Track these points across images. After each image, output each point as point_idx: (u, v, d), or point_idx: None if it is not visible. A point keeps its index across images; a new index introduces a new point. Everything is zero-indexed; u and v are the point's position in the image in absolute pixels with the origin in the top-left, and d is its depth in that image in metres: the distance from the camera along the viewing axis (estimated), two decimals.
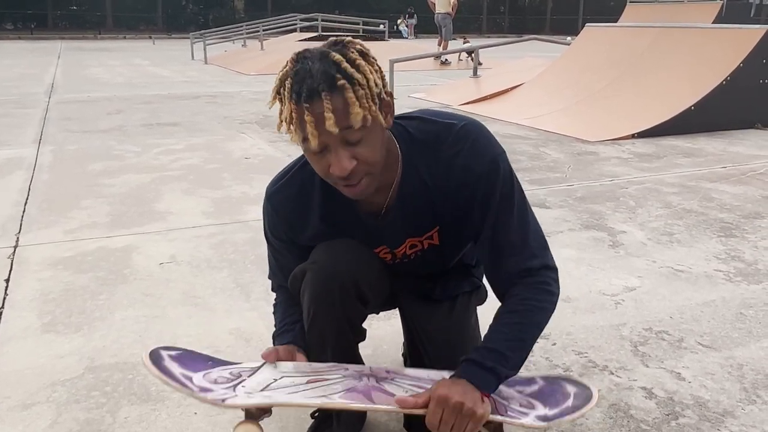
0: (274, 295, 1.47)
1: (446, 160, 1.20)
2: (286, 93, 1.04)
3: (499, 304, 1.27)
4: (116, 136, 5.47)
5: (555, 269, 1.26)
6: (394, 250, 1.33)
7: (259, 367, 1.24)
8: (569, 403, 1.21)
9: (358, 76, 1.02)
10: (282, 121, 1.06)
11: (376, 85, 1.06)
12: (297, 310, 1.35)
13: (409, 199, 1.24)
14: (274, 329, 1.40)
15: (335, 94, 1.01)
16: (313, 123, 1.01)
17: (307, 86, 1.01)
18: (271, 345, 1.34)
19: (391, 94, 1.13)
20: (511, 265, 1.22)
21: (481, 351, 1.17)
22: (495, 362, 1.15)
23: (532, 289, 1.21)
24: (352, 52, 1.06)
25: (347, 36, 1.14)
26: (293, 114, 1.03)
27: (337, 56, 1.03)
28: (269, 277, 1.47)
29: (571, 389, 1.27)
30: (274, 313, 1.43)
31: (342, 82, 1.01)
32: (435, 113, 1.27)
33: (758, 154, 4.81)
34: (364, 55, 1.07)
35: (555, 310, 1.26)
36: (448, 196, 1.23)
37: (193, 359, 1.27)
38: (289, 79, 1.04)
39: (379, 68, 1.10)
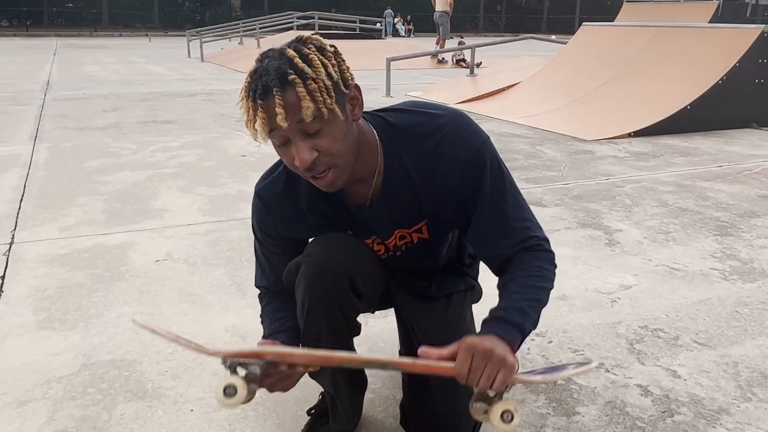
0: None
1: (430, 149, 1.21)
2: (245, 92, 1.08)
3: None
4: (112, 133, 5.46)
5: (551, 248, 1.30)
6: (385, 241, 1.34)
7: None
8: (570, 367, 1.23)
9: (308, 70, 1.04)
10: (246, 120, 1.10)
11: (330, 78, 1.07)
12: (287, 314, 1.33)
13: (393, 189, 1.25)
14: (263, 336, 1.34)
15: (287, 90, 1.04)
16: (265, 119, 1.05)
17: (262, 84, 1.04)
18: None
19: (357, 87, 1.14)
20: (512, 243, 1.24)
21: (506, 309, 1.18)
22: (520, 319, 1.17)
23: (541, 258, 1.24)
24: (309, 48, 1.08)
25: (311, 33, 1.14)
26: (250, 111, 1.07)
27: (292, 52, 1.06)
28: (256, 285, 1.44)
29: (571, 365, 1.29)
30: (261, 321, 1.38)
31: (293, 77, 1.04)
32: (416, 104, 1.28)
33: (753, 153, 4.83)
34: (321, 50, 1.09)
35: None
36: (434, 186, 1.23)
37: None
38: (248, 77, 1.08)
39: (339, 62, 1.11)
